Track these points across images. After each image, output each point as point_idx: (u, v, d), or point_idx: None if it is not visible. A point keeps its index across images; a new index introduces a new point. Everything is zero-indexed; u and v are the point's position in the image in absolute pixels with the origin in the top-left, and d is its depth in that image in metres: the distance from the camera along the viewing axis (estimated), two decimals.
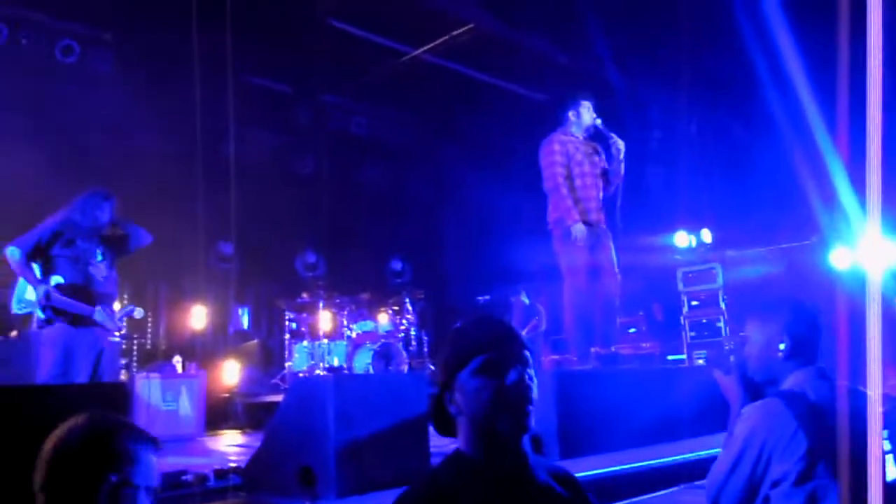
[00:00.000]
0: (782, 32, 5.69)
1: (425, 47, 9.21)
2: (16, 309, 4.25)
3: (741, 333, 2.23)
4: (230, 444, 5.95)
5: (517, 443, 1.44)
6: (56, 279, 4.09)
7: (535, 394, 1.44)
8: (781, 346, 2.09)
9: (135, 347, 7.43)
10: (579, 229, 5.07)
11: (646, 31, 6.69)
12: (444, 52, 9.42)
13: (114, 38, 8.12)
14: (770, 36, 5.74)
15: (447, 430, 1.50)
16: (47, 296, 4.01)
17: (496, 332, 1.48)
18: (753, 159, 8.36)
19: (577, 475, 3.38)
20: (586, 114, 5.39)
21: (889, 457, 2.00)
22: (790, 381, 2.07)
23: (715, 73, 7.14)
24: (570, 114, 5.39)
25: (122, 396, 3.16)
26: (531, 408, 1.43)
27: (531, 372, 1.45)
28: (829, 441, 1.85)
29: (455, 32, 8.86)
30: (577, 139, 5.36)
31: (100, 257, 4.28)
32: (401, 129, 11.57)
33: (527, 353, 1.48)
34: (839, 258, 7.62)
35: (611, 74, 7.36)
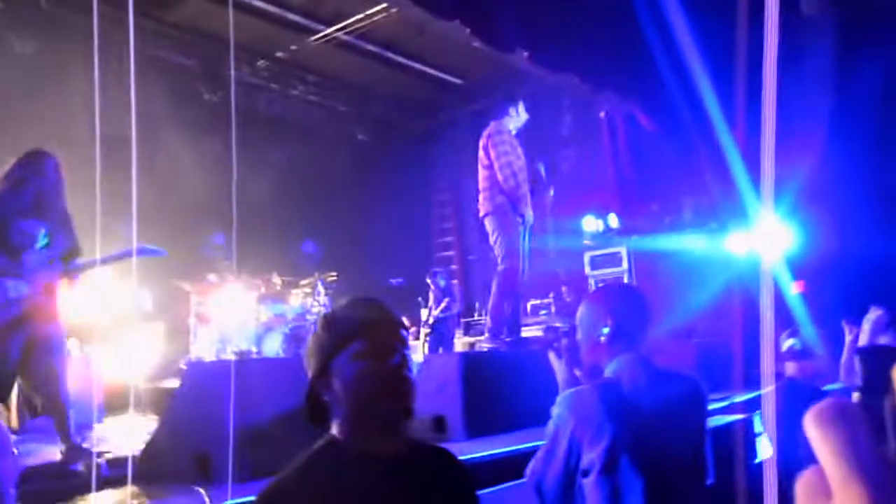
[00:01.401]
0: (684, 24, 5.87)
1: (340, 25, 9.09)
2: None
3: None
4: (127, 430, 5.75)
5: (399, 428, 1.42)
6: None
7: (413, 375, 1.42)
8: (605, 331, 2.06)
9: None
10: (531, 215, 5.28)
11: (555, 18, 6.79)
12: (362, 34, 9.33)
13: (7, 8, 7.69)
14: (672, 28, 5.92)
15: (321, 419, 1.44)
16: None
17: (374, 315, 1.44)
18: (659, 147, 8.64)
19: (480, 454, 3.44)
20: (523, 112, 5.61)
21: (761, 438, 2.08)
22: (611, 367, 2.05)
23: (623, 61, 7.32)
24: (511, 109, 5.56)
25: None
26: (414, 390, 1.41)
27: (409, 353, 1.43)
28: (636, 434, 1.88)
29: (369, 12, 8.78)
30: (511, 133, 5.51)
31: None
32: (313, 109, 11.40)
33: (404, 333, 1.45)
34: (736, 243, 7.97)
35: (523, 61, 7.44)
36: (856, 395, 3.30)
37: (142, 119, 7.70)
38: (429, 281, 9.89)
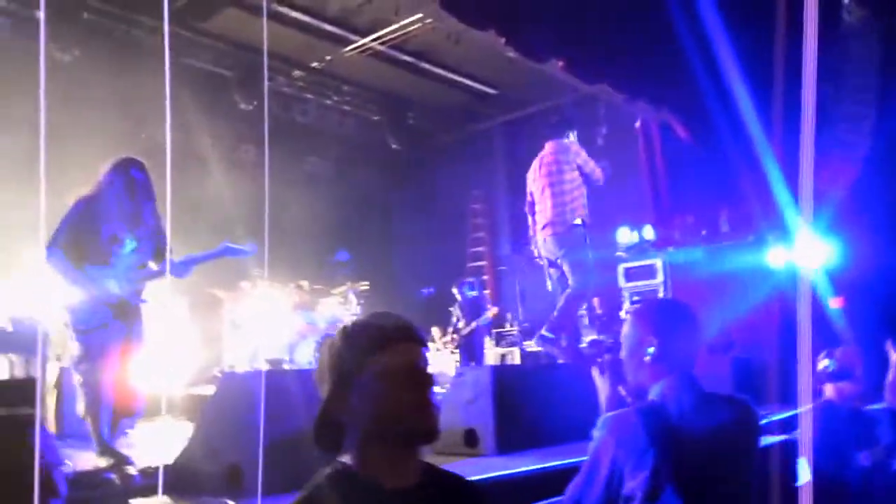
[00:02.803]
0: (721, 35, 5.78)
1: (375, 35, 9.13)
2: None
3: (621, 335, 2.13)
4: (160, 437, 5.79)
5: (415, 455, 1.34)
6: None
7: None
8: (650, 350, 1.98)
9: None
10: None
11: (590, 27, 6.73)
12: (396, 44, 9.37)
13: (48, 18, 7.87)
14: (710, 38, 5.83)
15: (332, 443, 1.35)
16: None
17: (398, 333, 1.35)
18: (696, 158, 8.51)
19: (512, 471, 3.38)
20: (574, 138, 5.84)
21: (801, 460, 1.99)
22: (656, 390, 1.97)
23: (660, 72, 7.23)
24: (571, 133, 5.79)
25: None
26: (437, 413, 1.34)
27: (433, 374, 1.36)
28: (681, 462, 1.79)
29: (404, 22, 8.80)
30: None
31: None
32: (347, 119, 11.47)
33: (426, 351, 1.38)
34: (775, 256, 7.81)
35: (557, 70, 7.38)
36: None
37: (177, 128, 7.84)
38: (455, 291, 9.86)
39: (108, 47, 8.30)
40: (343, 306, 8.60)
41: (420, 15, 8.54)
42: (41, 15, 6.63)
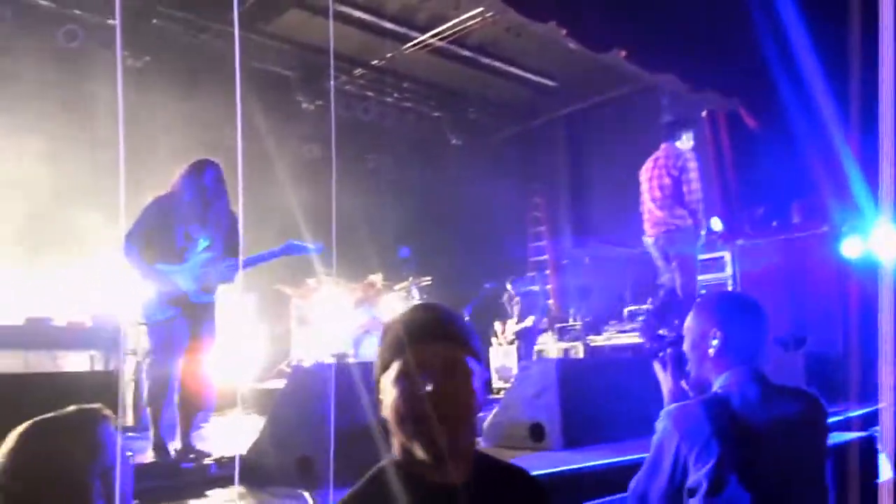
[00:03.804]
0: (796, 23, 5.60)
1: (435, 31, 9.15)
2: None
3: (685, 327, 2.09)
4: (233, 430, 5.95)
5: (455, 452, 1.25)
6: None
7: (474, 398, 1.26)
8: (714, 343, 1.96)
9: None
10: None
11: (653, 16, 6.59)
12: (456, 39, 9.38)
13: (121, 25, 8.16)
14: (784, 26, 5.65)
15: (385, 432, 1.32)
16: None
17: (423, 330, 1.27)
18: (765, 148, 8.26)
19: (579, 466, 3.36)
20: (689, 141, 6.00)
21: (882, 456, 1.93)
22: (721, 381, 1.95)
23: (729, 61, 7.04)
24: (686, 135, 5.96)
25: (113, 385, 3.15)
26: (469, 412, 1.26)
27: (465, 370, 1.27)
28: (746, 454, 1.76)
29: (464, 16, 8.80)
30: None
31: None
32: (408, 115, 11.53)
33: (454, 347, 1.27)
34: (851, 248, 7.52)
35: (619, 61, 7.26)
36: None
37: (245, 130, 8.01)
38: (509, 287, 9.84)
39: (176, 52, 8.55)
40: (406, 301, 8.68)
41: (480, 9, 8.52)
42: (117, 22, 6.91)
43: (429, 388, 1.21)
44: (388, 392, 1.25)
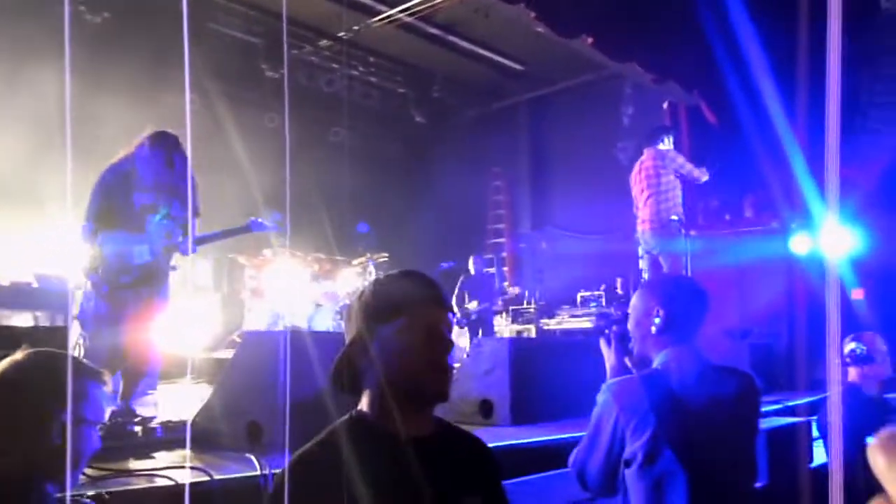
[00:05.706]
0: (745, 21, 5.72)
1: (403, 6, 9.06)
2: None
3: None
4: (182, 398, 5.89)
5: (429, 410, 1.40)
6: None
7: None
8: (656, 321, 2.03)
9: None
10: None
11: (621, 4, 6.65)
12: (424, 16, 9.30)
13: None
14: (735, 21, 5.76)
15: (350, 385, 1.39)
16: None
17: (428, 293, 1.40)
18: (723, 143, 8.41)
19: (526, 440, 3.41)
20: (670, 143, 6.52)
21: (818, 443, 2.01)
22: (661, 358, 2.02)
23: (690, 53, 7.13)
24: (666, 138, 6.48)
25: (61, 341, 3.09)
26: (451, 376, 1.39)
27: (452, 339, 1.41)
28: (681, 427, 1.84)
29: None
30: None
31: None
32: (372, 90, 11.44)
33: (451, 316, 1.42)
34: (799, 244, 7.74)
35: (585, 48, 7.30)
36: None
37: (202, 94, 7.86)
38: (470, 264, 9.84)
39: (137, 10, 8.31)
40: (362, 277, 8.66)
41: None
42: None
43: (440, 343, 1.35)
44: (398, 340, 1.34)
